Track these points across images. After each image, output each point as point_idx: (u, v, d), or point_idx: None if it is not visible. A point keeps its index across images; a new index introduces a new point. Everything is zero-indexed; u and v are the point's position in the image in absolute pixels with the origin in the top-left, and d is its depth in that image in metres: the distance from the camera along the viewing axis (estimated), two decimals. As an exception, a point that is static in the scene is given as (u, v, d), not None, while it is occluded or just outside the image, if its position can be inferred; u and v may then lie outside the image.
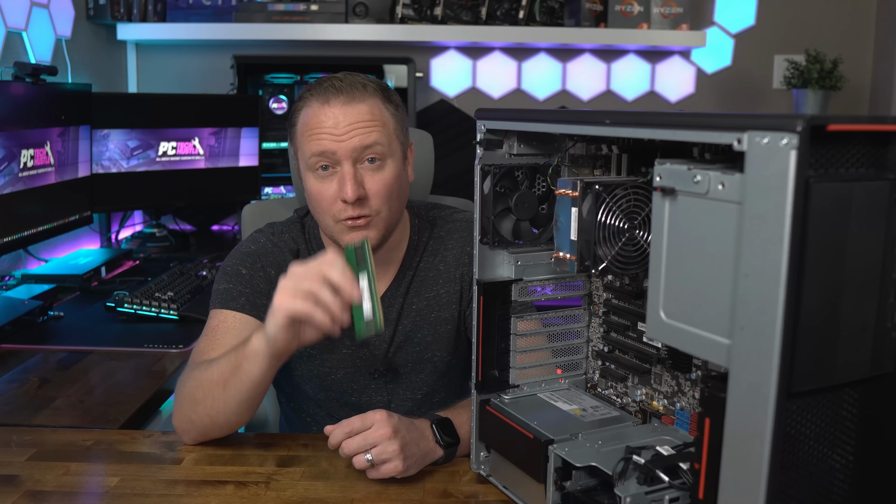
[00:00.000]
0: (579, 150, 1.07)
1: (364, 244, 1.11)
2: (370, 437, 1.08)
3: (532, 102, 3.13)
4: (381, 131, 1.28)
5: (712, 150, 0.82)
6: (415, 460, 1.10)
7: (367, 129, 1.26)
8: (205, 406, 1.16)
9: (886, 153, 0.71)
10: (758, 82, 3.15)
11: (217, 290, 1.33)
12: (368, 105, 1.28)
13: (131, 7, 2.71)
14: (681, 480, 0.84)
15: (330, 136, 1.25)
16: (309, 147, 1.28)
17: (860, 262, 0.69)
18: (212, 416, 1.17)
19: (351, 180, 1.25)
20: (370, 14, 2.85)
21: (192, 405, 1.17)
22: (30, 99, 1.98)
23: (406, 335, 1.40)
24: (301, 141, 1.30)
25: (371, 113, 1.27)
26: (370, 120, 1.27)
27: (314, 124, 1.27)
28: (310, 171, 1.29)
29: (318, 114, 1.27)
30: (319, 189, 1.29)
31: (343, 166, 1.26)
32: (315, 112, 1.27)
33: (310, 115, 1.28)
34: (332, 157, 1.26)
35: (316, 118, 1.27)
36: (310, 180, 1.30)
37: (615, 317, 1.09)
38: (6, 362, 1.58)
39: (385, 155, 1.29)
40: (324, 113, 1.26)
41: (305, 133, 1.28)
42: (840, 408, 0.73)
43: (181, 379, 1.22)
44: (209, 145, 2.71)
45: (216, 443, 1.21)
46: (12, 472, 1.12)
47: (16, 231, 1.91)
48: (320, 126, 1.26)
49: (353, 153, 1.26)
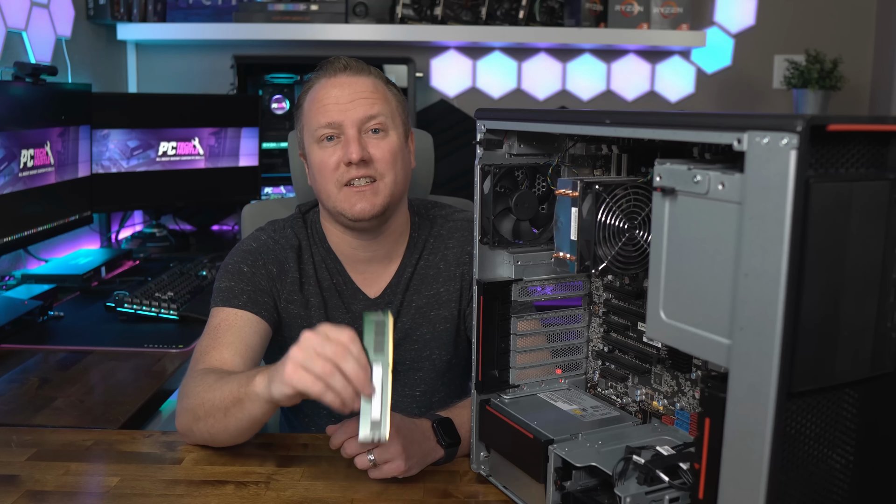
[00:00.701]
0: (579, 150, 1.07)
1: (386, 320, 1.03)
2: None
3: (532, 102, 3.13)
4: (384, 104, 1.34)
5: (712, 150, 0.82)
6: (416, 460, 1.10)
7: (370, 101, 1.32)
8: (205, 424, 1.15)
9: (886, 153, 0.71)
10: (758, 82, 3.15)
11: (218, 289, 1.33)
12: (372, 80, 1.35)
13: (131, 7, 2.71)
14: (681, 480, 0.84)
15: (335, 105, 1.31)
16: (316, 119, 1.32)
17: (860, 262, 0.69)
18: (212, 434, 1.16)
19: (355, 142, 1.29)
20: (370, 14, 2.85)
21: (194, 420, 1.16)
22: (30, 99, 1.98)
23: (405, 333, 1.40)
24: (308, 116, 1.35)
25: (375, 87, 1.34)
26: (373, 92, 1.33)
27: (321, 97, 1.33)
28: (315, 143, 1.33)
29: (325, 87, 1.33)
30: (323, 157, 1.32)
31: (347, 133, 1.30)
32: (322, 86, 1.34)
33: (317, 90, 1.34)
34: (338, 127, 1.31)
35: (323, 90, 1.33)
36: (315, 151, 1.34)
37: (615, 317, 1.09)
38: (6, 362, 1.58)
39: (388, 126, 1.33)
40: (330, 85, 1.33)
41: (313, 107, 1.33)
42: (840, 408, 0.73)
43: (185, 381, 1.21)
44: (209, 145, 2.71)
45: (216, 443, 1.21)
46: (12, 472, 1.12)
47: (16, 231, 1.91)
48: (327, 97, 1.32)
49: (358, 122, 1.31)
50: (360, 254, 1.40)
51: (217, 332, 1.28)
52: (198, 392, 1.16)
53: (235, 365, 1.22)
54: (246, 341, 1.27)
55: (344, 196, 1.31)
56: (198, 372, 1.21)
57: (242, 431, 1.15)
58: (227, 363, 1.22)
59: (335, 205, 1.32)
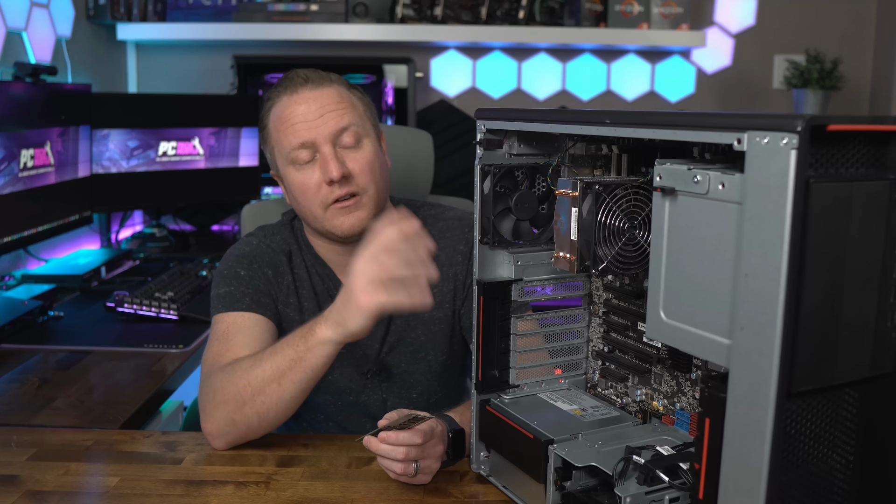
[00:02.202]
0: (579, 150, 1.07)
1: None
2: (428, 450, 1.06)
3: (532, 102, 3.13)
4: (352, 112, 1.30)
5: (712, 150, 0.82)
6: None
7: (338, 112, 1.29)
8: (255, 404, 1.13)
9: (886, 153, 0.71)
10: (758, 82, 3.14)
11: (217, 296, 1.32)
12: (335, 89, 1.31)
13: (131, 7, 2.71)
14: (681, 480, 0.84)
15: (304, 123, 1.27)
16: (287, 140, 1.29)
17: (860, 263, 0.69)
18: (262, 413, 1.14)
19: (333, 160, 1.26)
20: (370, 14, 2.85)
21: (238, 406, 1.14)
22: (30, 99, 1.98)
23: (399, 335, 1.39)
24: (277, 137, 1.31)
25: (339, 96, 1.30)
26: (339, 102, 1.29)
27: (286, 116, 1.29)
28: (290, 164, 1.30)
29: (288, 105, 1.29)
30: (302, 180, 1.29)
31: (322, 150, 1.27)
32: (284, 105, 1.30)
33: (280, 109, 1.30)
34: (311, 145, 1.28)
35: (288, 109, 1.29)
36: (291, 174, 1.30)
37: (615, 317, 1.09)
38: (6, 362, 1.58)
39: (361, 135, 1.31)
40: (294, 102, 1.29)
41: (280, 128, 1.30)
42: (840, 408, 0.73)
43: (209, 384, 1.18)
44: (209, 145, 2.71)
45: (216, 443, 1.21)
46: (12, 472, 1.12)
47: (16, 231, 1.91)
48: (293, 116, 1.28)
49: (331, 137, 1.28)
50: (348, 259, 1.37)
51: (227, 336, 1.26)
52: (235, 379, 1.14)
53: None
54: (260, 341, 1.25)
55: (331, 215, 1.29)
56: (221, 368, 1.18)
57: (298, 396, 1.13)
58: None
59: (323, 225, 1.31)
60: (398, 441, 1.04)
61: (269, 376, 1.12)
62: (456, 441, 1.13)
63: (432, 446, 1.07)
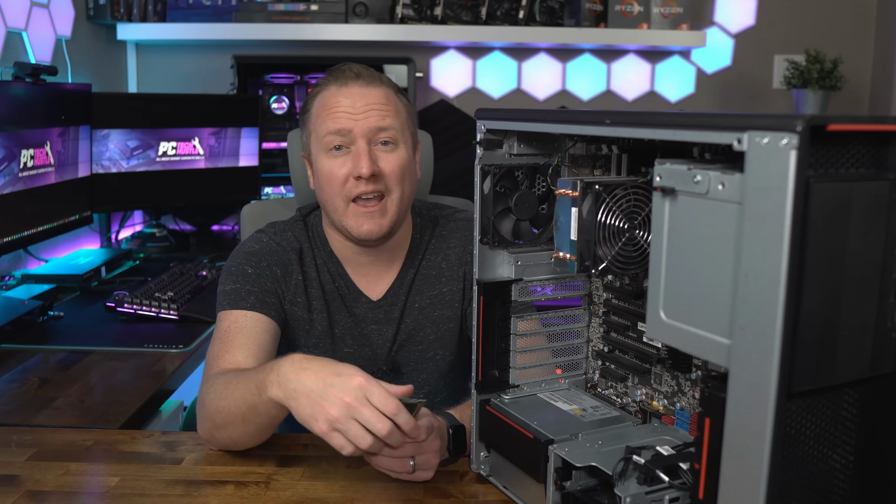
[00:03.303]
0: (579, 150, 1.07)
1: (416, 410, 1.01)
2: (425, 446, 1.05)
3: (532, 102, 3.13)
4: (395, 117, 1.32)
5: (712, 150, 0.82)
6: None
7: (382, 112, 1.30)
8: (226, 432, 1.15)
9: (886, 153, 0.71)
10: (758, 82, 3.15)
11: (223, 292, 1.32)
12: (384, 91, 1.33)
13: (131, 7, 2.71)
14: (681, 480, 0.84)
15: (347, 114, 1.29)
16: (325, 126, 1.30)
17: (860, 262, 0.69)
18: (234, 440, 1.16)
19: (366, 156, 1.28)
20: (370, 14, 2.85)
21: (214, 428, 1.15)
22: (30, 99, 1.98)
23: (408, 334, 1.40)
24: (316, 122, 1.32)
25: (387, 98, 1.32)
26: (385, 104, 1.31)
27: (332, 104, 1.31)
28: (323, 151, 1.31)
29: (335, 95, 1.31)
30: (331, 168, 1.30)
31: (357, 144, 1.29)
32: (333, 93, 1.32)
33: (327, 97, 1.32)
34: (348, 136, 1.29)
35: (334, 98, 1.31)
36: (321, 160, 1.32)
37: (615, 317, 1.09)
38: (6, 362, 1.58)
39: (398, 139, 1.32)
40: (342, 94, 1.31)
41: (322, 113, 1.31)
42: (840, 408, 0.73)
43: (203, 389, 1.19)
44: (209, 145, 2.71)
45: (216, 443, 1.21)
46: (12, 472, 1.12)
47: (16, 231, 1.91)
48: (338, 105, 1.30)
49: (369, 133, 1.29)
50: (362, 258, 1.39)
51: (228, 336, 1.26)
52: (212, 400, 1.15)
53: (249, 367, 1.20)
54: (258, 342, 1.26)
55: (352, 213, 1.30)
56: (211, 377, 1.20)
57: (262, 433, 1.14)
58: (240, 366, 1.20)
59: (341, 220, 1.32)
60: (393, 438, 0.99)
61: (233, 413, 1.11)
62: (456, 437, 1.13)
63: (429, 441, 1.06)
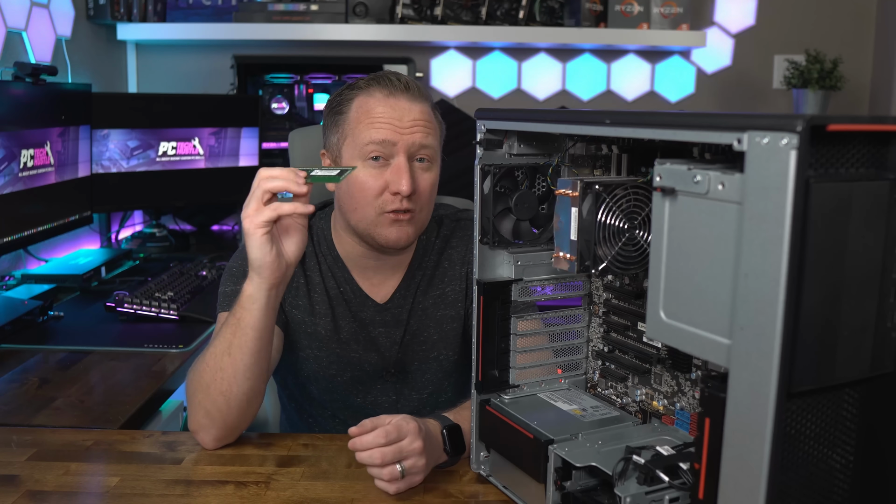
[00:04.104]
0: (579, 150, 1.07)
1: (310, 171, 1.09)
2: (405, 449, 1.04)
3: (532, 102, 3.13)
4: (434, 135, 1.31)
5: (712, 150, 0.82)
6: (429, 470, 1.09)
7: (426, 130, 1.29)
8: (216, 385, 1.13)
9: (886, 153, 0.71)
10: (758, 82, 3.15)
11: (224, 293, 1.32)
12: (429, 109, 1.31)
13: (131, 7, 2.71)
14: (681, 480, 0.84)
15: (392, 126, 1.26)
16: (368, 134, 1.27)
17: (860, 262, 0.69)
18: (225, 391, 1.13)
19: (406, 173, 1.25)
20: (370, 14, 2.85)
21: (205, 393, 1.14)
22: (30, 99, 1.98)
23: (413, 334, 1.40)
24: (357, 128, 1.28)
25: (431, 116, 1.31)
26: (428, 121, 1.30)
27: (378, 113, 1.27)
28: (359, 158, 1.27)
29: (381, 103, 1.27)
30: (366, 179, 1.27)
31: (398, 159, 1.26)
32: (378, 101, 1.28)
33: (372, 104, 1.28)
34: (390, 148, 1.26)
35: (380, 106, 1.27)
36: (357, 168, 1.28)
37: (615, 317, 1.09)
38: (6, 362, 1.58)
39: (434, 158, 1.31)
40: (388, 104, 1.27)
41: (364, 120, 1.27)
42: (840, 408, 0.73)
43: (187, 381, 1.19)
44: (209, 145, 2.71)
45: (216, 443, 1.21)
46: (12, 472, 1.12)
47: (16, 231, 1.91)
48: (384, 115, 1.27)
49: (411, 148, 1.27)
50: (370, 262, 1.38)
51: None
52: (199, 368, 1.16)
53: None
54: None
55: (383, 222, 1.28)
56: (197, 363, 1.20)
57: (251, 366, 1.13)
58: None
59: (368, 228, 1.29)
60: (364, 445, 1.03)
61: (220, 350, 1.13)
62: (452, 437, 1.12)
63: (408, 444, 1.04)
